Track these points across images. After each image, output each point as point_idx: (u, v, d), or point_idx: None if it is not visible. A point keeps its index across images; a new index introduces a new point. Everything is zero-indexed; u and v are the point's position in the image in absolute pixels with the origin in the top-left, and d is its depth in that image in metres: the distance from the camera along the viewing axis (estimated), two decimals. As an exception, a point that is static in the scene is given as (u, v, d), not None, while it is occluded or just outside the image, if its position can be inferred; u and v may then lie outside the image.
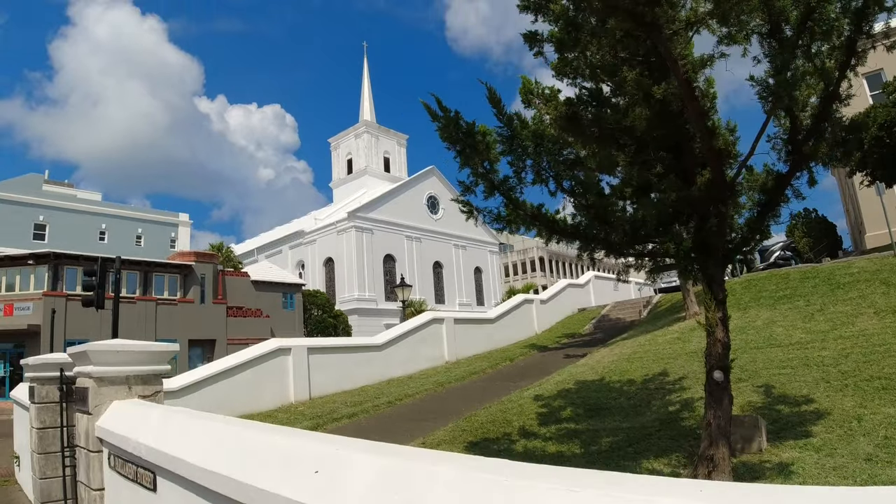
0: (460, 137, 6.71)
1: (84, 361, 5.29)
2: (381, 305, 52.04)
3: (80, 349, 5.26)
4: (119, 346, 5.29)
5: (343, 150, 67.62)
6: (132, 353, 5.38)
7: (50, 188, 47.28)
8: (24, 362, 8.62)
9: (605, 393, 11.12)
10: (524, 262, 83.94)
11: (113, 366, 5.26)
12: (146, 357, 5.47)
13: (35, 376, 8.42)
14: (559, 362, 17.16)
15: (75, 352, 5.38)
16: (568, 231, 6.87)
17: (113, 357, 5.22)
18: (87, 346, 5.13)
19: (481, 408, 11.66)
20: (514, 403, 11.42)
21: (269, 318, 37.04)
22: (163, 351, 5.63)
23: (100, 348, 5.16)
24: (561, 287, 28.36)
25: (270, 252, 60.54)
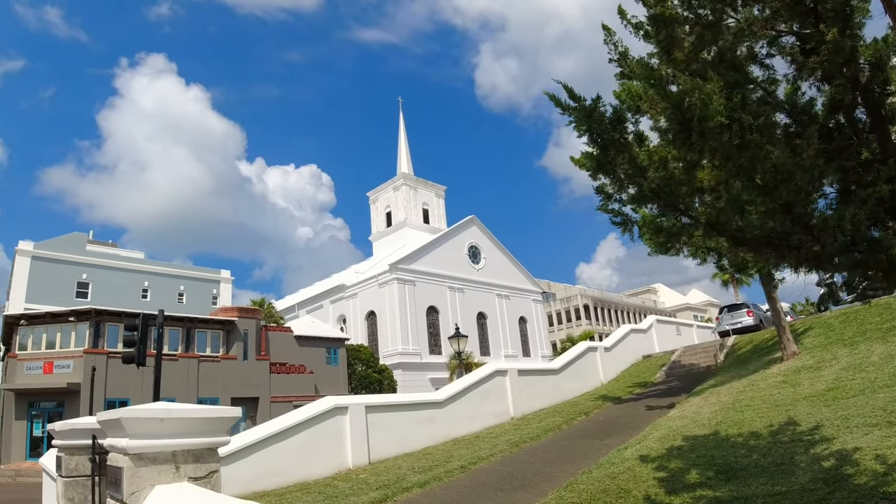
0: (604, 128, 5.29)
1: (117, 432, 3.89)
2: (425, 359, 50.27)
3: (111, 416, 3.86)
4: (163, 411, 3.88)
5: (382, 204, 67.21)
6: (181, 422, 3.96)
7: (93, 248, 47.39)
8: (52, 427, 7.25)
9: (729, 450, 9.31)
10: (568, 311, 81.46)
11: (155, 438, 3.84)
12: (199, 426, 4.04)
13: (63, 444, 7.07)
14: (644, 415, 15.31)
15: (106, 419, 3.98)
16: (761, 241, 5.30)
17: (155, 427, 3.81)
18: (121, 412, 3.74)
19: (578, 473, 9.90)
20: (619, 466, 9.63)
21: (312, 375, 35.63)
22: (221, 417, 4.20)
23: (138, 415, 3.76)
24: (624, 333, 26.42)
25: (311, 307, 59.62)
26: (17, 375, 28.01)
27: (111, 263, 46.28)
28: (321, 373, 36.57)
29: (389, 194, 66.14)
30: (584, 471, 9.88)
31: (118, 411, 3.75)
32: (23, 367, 28.02)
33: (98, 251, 46.97)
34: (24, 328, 29.07)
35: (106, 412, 4.09)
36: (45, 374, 27.74)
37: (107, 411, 4.10)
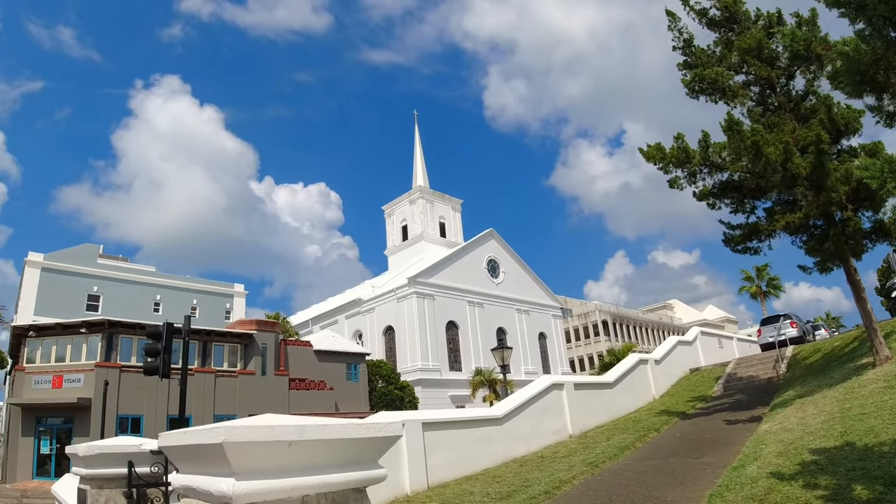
0: None
1: (209, 464, 2.29)
2: (445, 375, 48.45)
3: (198, 437, 2.25)
4: (291, 428, 2.27)
5: (397, 217, 65.80)
6: (319, 446, 2.37)
7: (104, 261, 46.02)
8: (73, 451, 5.60)
9: (879, 460, 7.72)
10: (586, 327, 79.41)
11: (278, 475, 2.26)
12: (344, 450, 2.45)
13: (89, 474, 5.43)
14: (727, 430, 13.63)
15: (186, 443, 2.38)
16: None
17: (280, 455, 2.20)
18: (221, 429, 2.11)
19: (703, 497, 8.23)
20: (756, 487, 7.98)
21: (332, 391, 33.91)
22: (377, 437, 2.61)
23: (253, 436, 2.17)
24: (672, 345, 24.68)
25: (325, 322, 58.02)
26: (24, 389, 26.41)
27: (123, 276, 44.88)
28: (341, 389, 34.86)
29: (405, 207, 64.74)
30: (714, 494, 8.20)
31: (214, 429, 2.16)
32: (31, 381, 26.44)
33: (109, 264, 45.61)
34: (32, 340, 27.53)
35: (178, 432, 2.51)
36: (54, 389, 26.13)
37: (178, 431, 2.54)
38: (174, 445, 2.50)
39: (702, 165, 14.63)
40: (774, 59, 16.48)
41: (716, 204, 15.26)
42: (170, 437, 2.55)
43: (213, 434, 2.10)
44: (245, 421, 2.18)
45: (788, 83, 16.58)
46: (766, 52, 16.19)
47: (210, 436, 2.12)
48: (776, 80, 16.27)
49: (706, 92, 15.84)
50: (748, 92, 16.19)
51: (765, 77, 15.95)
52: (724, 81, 15.68)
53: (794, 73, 16.54)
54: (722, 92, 15.75)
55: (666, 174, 14.85)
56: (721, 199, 15.17)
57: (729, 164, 14.53)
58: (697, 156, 14.42)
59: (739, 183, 15.01)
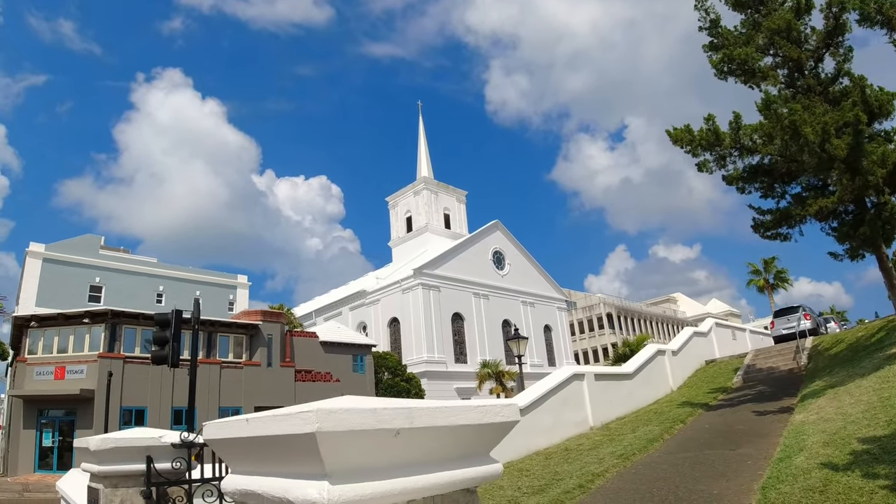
0: None
1: (294, 457, 1.68)
2: (451, 368, 47.96)
3: (282, 423, 1.59)
4: (400, 411, 1.69)
5: (402, 209, 65.18)
6: (430, 435, 1.80)
7: (106, 252, 45.46)
8: (83, 444, 4.98)
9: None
10: (590, 320, 78.93)
11: (376, 475, 1.68)
12: (457, 441, 1.88)
13: (102, 471, 4.84)
14: (759, 421, 13.18)
15: (248, 434, 1.76)
16: None
17: (385, 447, 1.66)
18: (313, 413, 1.49)
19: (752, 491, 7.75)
20: (810, 478, 7.52)
21: (339, 383, 33.40)
22: (493, 424, 2.05)
23: (353, 423, 1.58)
24: (687, 337, 24.16)
25: (330, 314, 57.50)
26: (25, 381, 25.90)
27: (125, 267, 44.33)
28: (347, 381, 34.35)
29: (410, 199, 64.12)
30: (766, 486, 7.72)
31: (302, 414, 1.59)
32: (32, 373, 25.93)
33: (111, 255, 45.06)
34: (34, 331, 27.01)
35: (234, 420, 1.96)
36: (56, 380, 25.61)
37: (234, 419, 1.98)
38: (229, 438, 1.95)
39: (732, 148, 14.06)
40: (803, 41, 15.95)
41: (745, 188, 14.73)
42: (221, 428, 2.00)
43: (299, 421, 1.55)
44: (333, 403, 1.63)
45: (817, 66, 16.04)
46: (794, 33, 15.65)
47: (295, 423, 1.57)
48: (805, 62, 15.72)
49: (735, 73, 15.28)
50: (777, 74, 15.64)
51: (794, 59, 15.39)
52: (754, 63, 15.12)
53: (822, 56, 16.01)
54: (751, 73, 15.19)
55: (694, 157, 14.30)
56: (751, 183, 14.63)
57: (760, 147, 13.98)
58: (728, 138, 13.85)
59: (770, 167, 14.47)
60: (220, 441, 2.04)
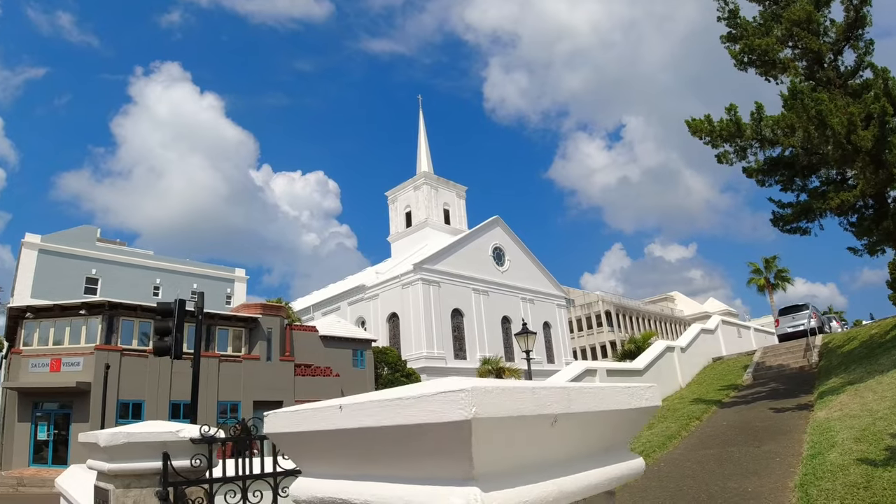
0: None
1: (426, 453, 1.18)
2: (450, 364, 47.59)
3: (414, 409, 1.10)
4: (555, 391, 1.27)
5: (401, 203, 64.72)
6: (582, 422, 1.38)
7: (102, 244, 44.94)
8: (91, 439, 4.47)
9: None
10: (589, 317, 78.65)
11: (525, 476, 1.25)
12: (603, 430, 1.43)
13: (113, 469, 4.37)
14: (778, 418, 12.92)
15: (370, 424, 1.25)
16: None
17: (531, 440, 1.21)
18: (466, 393, 1.07)
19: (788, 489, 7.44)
20: (851, 475, 7.26)
21: (338, 378, 33.00)
22: (638, 408, 1.60)
23: (511, 407, 1.15)
24: (695, 333, 23.85)
25: (328, 309, 57.00)
26: (20, 373, 25.41)
27: (122, 259, 43.81)
28: (347, 376, 33.95)
29: (409, 194, 63.67)
30: (804, 483, 7.44)
31: (449, 394, 1.16)
32: (27, 365, 25.44)
33: (107, 247, 44.53)
34: (29, 322, 26.52)
35: (317, 407, 1.53)
36: (51, 373, 25.13)
37: (313, 406, 1.56)
38: (310, 432, 1.54)
39: (753, 140, 13.70)
40: (822, 33, 15.63)
41: (765, 181, 14.39)
42: (295, 419, 1.59)
43: (442, 405, 1.14)
44: (481, 381, 1.23)
45: (836, 58, 15.71)
46: (814, 25, 15.32)
47: (433, 408, 1.16)
48: (825, 54, 15.38)
49: (755, 64, 14.93)
50: (797, 66, 15.29)
51: (814, 51, 15.04)
52: (774, 54, 14.76)
53: (842, 49, 15.69)
54: (772, 64, 14.84)
55: (714, 149, 13.93)
56: (771, 175, 14.28)
57: (782, 139, 13.61)
58: (749, 129, 13.48)
59: (791, 159, 14.11)
60: (293, 436, 1.63)
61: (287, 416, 1.63)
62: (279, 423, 1.66)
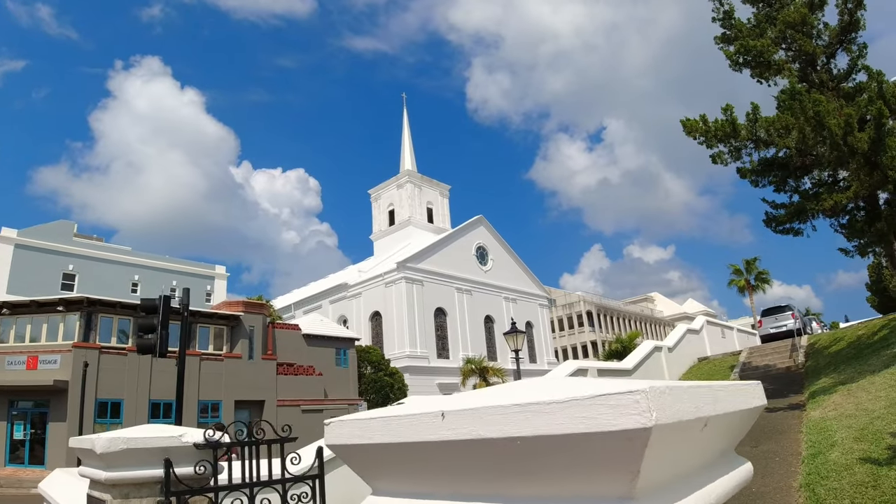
0: None
1: (595, 463, 1.12)
2: (433, 363, 47.38)
3: (583, 407, 0.96)
4: (703, 391, 1.09)
5: (384, 202, 64.35)
6: (723, 425, 1.24)
7: (80, 240, 44.06)
8: (87, 445, 4.09)
9: None
10: (570, 317, 78.90)
11: (676, 487, 1.04)
12: (728, 432, 1.32)
13: (111, 478, 4.01)
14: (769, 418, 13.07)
15: (498, 435, 1.06)
16: None
17: (683, 447, 1.06)
18: (644, 394, 0.91)
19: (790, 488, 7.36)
20: (855, 474, 7.30)
21: (321, 377, 32.62)
22: (751, 408, 1.56)
23: (683, 410, 0.97)
24: (681, 334, 23.90)
25: (309, 307, 56.46)
26: (-4, 371, 24.72)
27: (99, 255, 42.95)
28: (330, 375, 33.59)
29: (393, 192, 63.33)
30: (809, 483, 7.42)
31: (603, 394, 0.96)
32: (3, 362, 24.73)
33: (85, 243, 43.64)
34: (5, 318, 25.82)
35: (406, 415, 1.31)
36: (28, 370, 24.46)
37: (397, 412, 1.34)
38: (394, 444, 1.31)
39: (748, 140, 13.66)
40: (816, 36, 15.69)
41: (758, 181, 14.37)
42: (371, 428, 1.35)
43: (614, 410, 0.93)
44: (632, 382, 1.01)
45: (829, 61, 15.78)
46: (808, 27, 15.39)
47: (604, 414, 0.95)
48: (818, 57, 15.43)
49: (750, 65, 14.92)
50: (792, 67, 15.31)
51: (808, 53, 15.09)
52: (769, 55, 14.77)
53: (835, 52, 15.76)
54: (766, 66, 14.85)
55: (708, 149, 13.88)
56: (765, 176, 14.26)
57: (777, 140, 13.60)
58: (744, 130, 13.44)
59: (785, 160, 14.11)
60: (367, 449, 1.40)
61: (360, 426, 1.40)
62: (347, 432, 1.43)
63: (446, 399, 1.30)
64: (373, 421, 1.35)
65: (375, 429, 1.33)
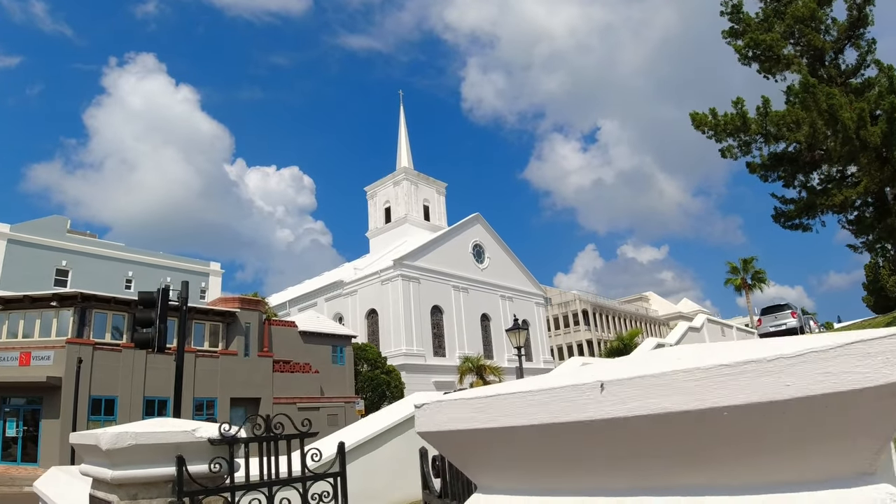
0: None
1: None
2: (429, 361, 47.12)
3: None
4: None
5: (380, 199, 64.03)
6: None
7: (73, 235, 43.55)
8: (91, 441, 3.70)
9: None
10: (566, 316, 78.73)
11: None
12: None
13: (117, 478, 3.65)
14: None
15: None
16: None
17: None
18: None
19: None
20: None
21: (318, 374, 32.31)
22: None
23: None
24: (683, 331, 23.73)
25: (304, 304, 56.13)
26: (-13, 367, 24.31)
27: (93, 251, 42.46)
28: (326, 372, 33.28)
29: (389, 189, 63.01)
30: None
31: (857, 339, 0.69)
32: (-5, 358, 24.35)
33: (78, 238, 43.15)
34: (-3, 313, 25.41)
35: (543, 389, 1.03)
36: (21, 366, 24.05)
37: (525, 385, 1.06)
38: (530, 426, 1.05)
39: (757, 134, 13.46)
40: (825, 30, 15.53)
41: (767, 176, 14.18)
42: (499, 408, 1.09)
43: (866, 360, 0.68)
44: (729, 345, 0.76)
45: (837, 56, 15.61)
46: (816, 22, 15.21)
47: (854, 367, 0.70)
48: (826, 52, 15.25)
49: (759, 59, 14.72)
50: (801, 61, 15.13)
51: (816, 48, 14.90)
52: (779, 49, 14.57)
53: (843, 47, 15.58)
54: (775, 60, 14.65)
55: (718, 143, 13.69)
56: (774, 171, 14.08)
57: (787, 134, 13.41)
58: (755, 124, 13.23)
59: (795, 155, 13.93)
60: (484, 435, 1.14)
61: (475, 407, 1.14)
62: (453, 416, 1.17)
63: (613, 367, 1.06)
64: (496, 400, 1.09)
65: (500, 409, 1.08)
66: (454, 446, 1.23)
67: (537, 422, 1.01)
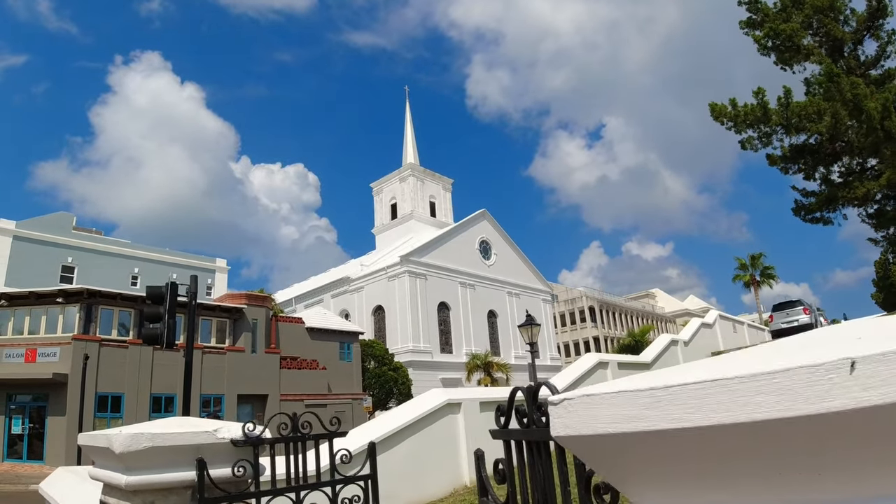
0: None
1: None
2: (436, 357, 46.90)
3: None
4: None
5: (386, 195, 63.77)
6: None
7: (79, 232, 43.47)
8: (101, 441, 3.36)
9: None
10: (573, 313, 78.41)
11: None
12: None
13: (132, 483, 3.34)
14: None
15: None
16: None
17: None
18: None
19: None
20: None
21: (325, 371, 32.13)
22: None
23: None
24: (696, 327, 23.51)
25: (311, 301, 55.97)
26: (-6, 364, 24.17)
27: (99, 247, 42.38)
28: (334, 369, 33.09)
29: (395, 185, 62.76)
30: None
31: None
32: (1, 355, 24.20)
33: (84, 235, 43.06)
34: (3, 310, 25.27)
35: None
36: (27, 363, 23.92)
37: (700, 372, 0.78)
38: (730, 424, 0.78)
39: (778, 125, 13.16)
40: (844, 21, 15.22)
41: (788, 168, 13.89)
42: (674, 401, 0.82)
43: None
44: None
45: (856, 48, 15.30)
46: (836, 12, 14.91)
47: None
48: (846, 43, 14.93)
49: (778, 49, 14.41)
50: (821, 52, 14.82)
51: (836, 38, 14.58)
52: (798, 39, 14.26)
53: (862, 38, 15.27)
54: (795, 50, 14.34)
55: (737, 134, 13.38)
56: (794, 163, 13.78)
57: (808, 125, 13.11)
58: (776, 115, 12.93)
59: (816, 146, 13.62)
60: (652, 438, 0.88)
61: (644, 403, 0.86)
62: (614, 414, 0.90)
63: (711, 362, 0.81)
64: (679, 392, 0.83)
65: (686, 404, 0.82)
66: (608, 452, 0.96)
67: (746, 419, 0.75)
